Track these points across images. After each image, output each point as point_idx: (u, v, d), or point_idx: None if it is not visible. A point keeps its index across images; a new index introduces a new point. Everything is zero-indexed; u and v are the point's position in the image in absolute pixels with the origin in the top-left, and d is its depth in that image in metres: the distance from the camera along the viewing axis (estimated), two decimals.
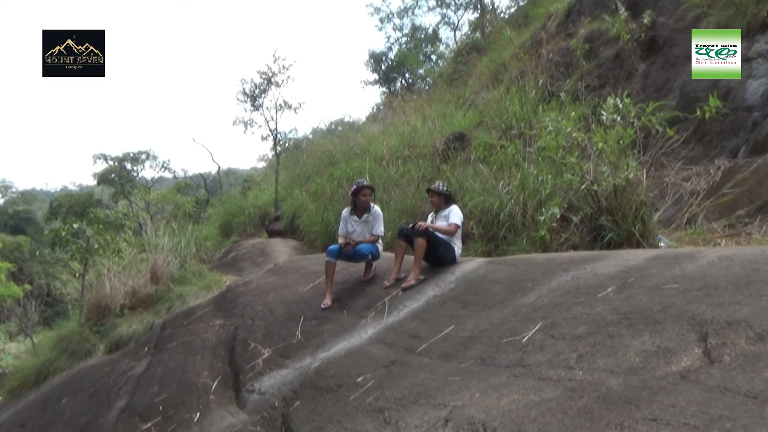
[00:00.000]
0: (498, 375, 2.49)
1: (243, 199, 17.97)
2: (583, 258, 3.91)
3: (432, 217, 5.30)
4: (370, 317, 4.43)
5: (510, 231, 6.16)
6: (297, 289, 6.09)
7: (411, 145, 10.75)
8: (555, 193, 5.86)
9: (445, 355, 3.10)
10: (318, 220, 10.65)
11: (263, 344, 4.78)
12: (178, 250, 10.16)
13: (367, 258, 5.26)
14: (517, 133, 8.03)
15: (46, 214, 26.82)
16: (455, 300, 4.06)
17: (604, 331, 2.47)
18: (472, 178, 7.67)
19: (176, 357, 5.59)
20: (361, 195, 5.36)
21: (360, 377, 3.23)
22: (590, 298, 2.98)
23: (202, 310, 7.03)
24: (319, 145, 16.48)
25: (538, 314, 3.04)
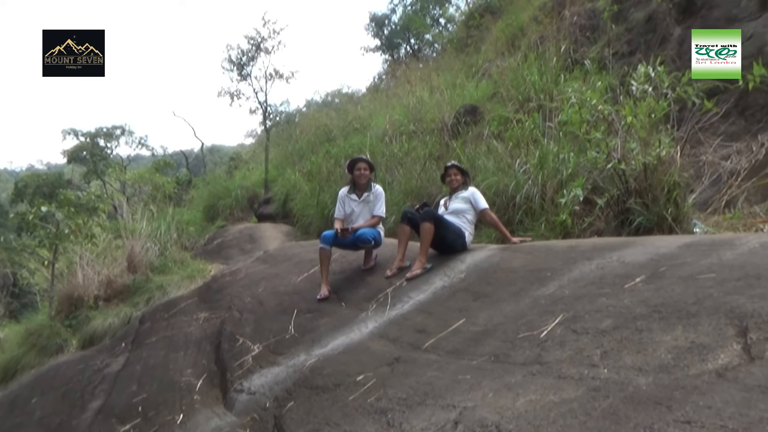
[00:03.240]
0: (513, 373, 2.50)
1: (229, 179, 17.95)
2: (608, 245, 3.89)
3: (446, 200, 5.28)
4: (371, 310, 4.44)
5: (527, 215, 6.15)
6: (290, 279, 6.11)
7: (417, 120, 10.69)
8: (578, 172, 5.84)
9: (455, 351, 3.11)
10: (313, 202, 10.64)
11: (253, 339, 4.79)
12: (158, 236, 10.19)
13: (370, 244, 5.25)
14: (536, 105, 7.97)
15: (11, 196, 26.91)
16: (466, 291, 4.05)
17: (632, 325, 2.47)
18: (485, 156, 7.64)
19: (156, 353, 5.62)
20: (356, 169, 5.37)
21: (360, 376, 3.23)
22: (616, 289, 2.97)
23: (185, 302, 7.06)
24: (313, 119, 16.40)
25: (558, 307, 3.04)
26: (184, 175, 23.08)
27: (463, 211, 5.06)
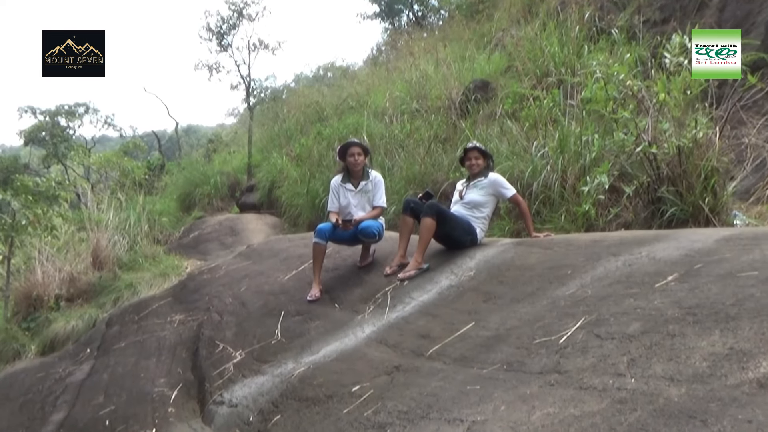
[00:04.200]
0: (529, 383, 2.50)
1: (207, 163, 18.02)
2: (637, 239, 3.89)
3: (462, 186, 5.20)
4: (368, 312, 4.44)
5: (545, 205, 6.15)
6: (276, 278, 6.12)
7: (420, 97, 10.67)
8: (603, 157, 5.82)
9: (463, 358, 3.11)
10: (302, 190, 10.66)
11: (234, 345, 4.81)
12: (127, 228, 10.28)
13: (374, 238, 5.22)
14: (556, 81, 7.96)
15: None
16: (475, 291, 4.05)
17: (663, 329, 2.47)
18: (498, 138, 7.62)
19: (126, 360, 5.63)
20: (348, 155, 5.33)
21: (356, 386, 3.24)
22: (646, 289, 2.97)
23: (158, 303, 7.08)
24: (303, 96, 16.41)
25: (580, 308, 3.04)
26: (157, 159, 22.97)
27: (480, 204, 4.98)
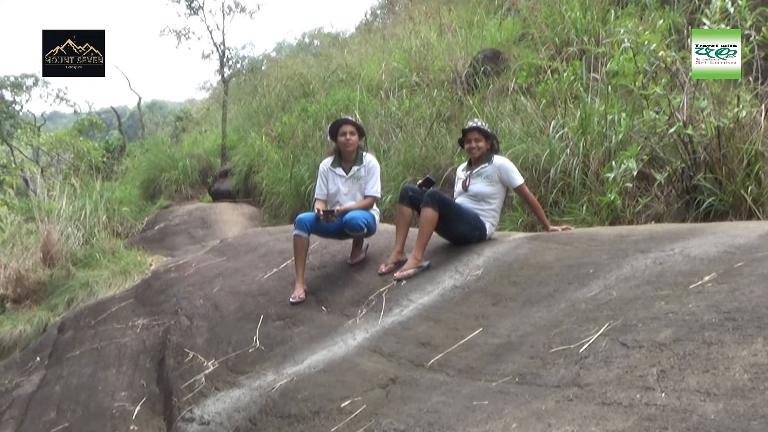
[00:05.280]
0: (544, 398, 2.49)
1: (175, 145, 17.96)
2: (669, 233, 3.88)
3: (464, 174, 5.14)
4: (360, 316, 4.43)
5: (564, 194, 6.15)
6: (254, 276, 6.13)
7: (421, 69, 10.62)
8: (631, 139, 5.83)
9: (469, 370, 3.09)
10: (285, 176, 10.63)
11: (206, 354, 4.80)
12: (82, 219, 10.21)
13: (362, 232, 5.17)
14: (578, 51, 7.93)
15: None
16: (483, 292, 4.04)
17: (699, 336, 2.46)
18: (510, 116, 7.59)
19: (81, 371, 5.61)
20: (340, 135, 5.30)
21: (345, 401, 3.22)
22: (679, 291, 2.96)
23: (118, 305, 7.06)
24: (286, 67, 16.35)
25: (603, 313, 3.03)
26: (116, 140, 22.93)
27: (487, 195, 4.91)
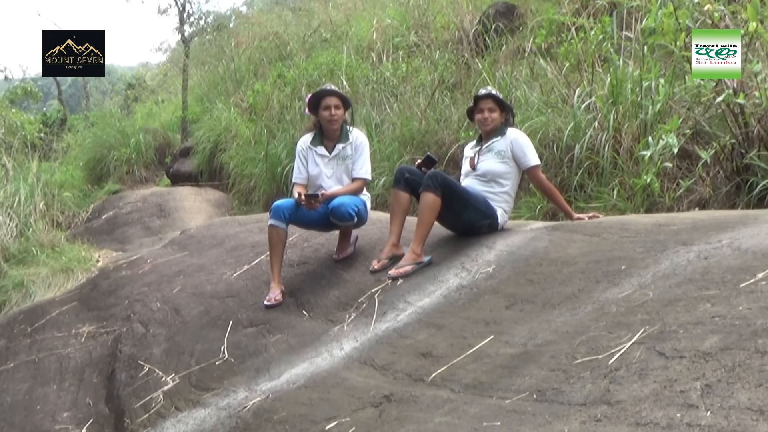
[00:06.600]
0: (567, 418, 2.36)
1: (126, 117, 17.75)
2: (716, 222, 3.79)
3: (473, 152, 4.92)
4: (349, 322, 4.30)
5: (590, 175, 6.02)
6: (222, 275, 6.03)
7: (421, 26, 10.56)
8: (671, 110, 5.75)
9: (477, 385, 2.97)
10: (258, 155, 10.46)
11: (165, 367, 4.69)
12: (15, 206, 10.09)
13: (350, 221, 4.96)
14: (607, 4, 7.76)
15: None
16: (495, 293, 3.91)
17: (750, 344, 2.31)
18: (527, 83, 7.48)
19: (16, 387, 5.54)
20: (322, 108, 5.09)
21: (331, 422, 3.10)
22: (728, 291, 2.83)
23: (59, 310, 6.96)
24: (259, 24, 16.17)
25: (637, 317, 2.90)
26: (56, 111, 22.64)
27: (499, 175, 4.70)
